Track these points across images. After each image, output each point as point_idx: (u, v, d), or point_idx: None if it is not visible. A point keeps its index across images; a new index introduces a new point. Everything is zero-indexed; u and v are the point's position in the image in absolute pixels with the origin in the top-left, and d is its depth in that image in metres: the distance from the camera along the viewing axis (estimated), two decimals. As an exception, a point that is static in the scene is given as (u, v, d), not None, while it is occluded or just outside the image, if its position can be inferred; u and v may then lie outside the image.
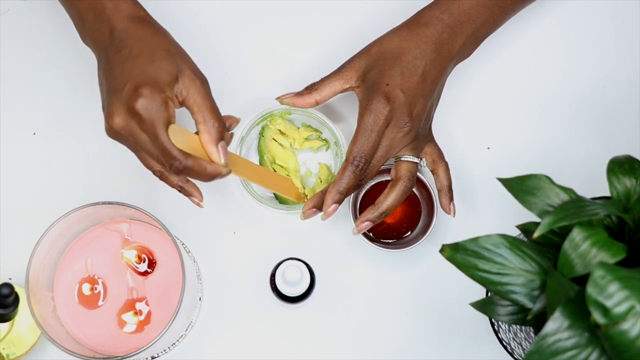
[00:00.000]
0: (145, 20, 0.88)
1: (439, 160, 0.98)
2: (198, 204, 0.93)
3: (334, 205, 0.92)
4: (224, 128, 0.85)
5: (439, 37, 0.94)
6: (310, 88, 0.97)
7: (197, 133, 0.85)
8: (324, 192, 0.93)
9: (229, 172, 0.86)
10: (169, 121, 0.83)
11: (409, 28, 0.95)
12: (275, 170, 1.02)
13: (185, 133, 0.84)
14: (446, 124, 1.04)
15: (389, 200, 0.93)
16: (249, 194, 1.00)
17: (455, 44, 0.95)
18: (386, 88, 0.92)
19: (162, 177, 0.90)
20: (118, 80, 0.83)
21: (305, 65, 1.06)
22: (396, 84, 0.92)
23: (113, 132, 0.85)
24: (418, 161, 0.95)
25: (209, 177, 0.85)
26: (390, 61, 0.93)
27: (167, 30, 0.90)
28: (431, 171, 0.98)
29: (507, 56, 1.06)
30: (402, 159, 0.94)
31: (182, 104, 0.85)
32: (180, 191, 0.92)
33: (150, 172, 0.90)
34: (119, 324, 0.97)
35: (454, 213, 0.98)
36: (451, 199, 0.98)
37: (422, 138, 0.95)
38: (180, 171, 0.83)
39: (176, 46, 0.88)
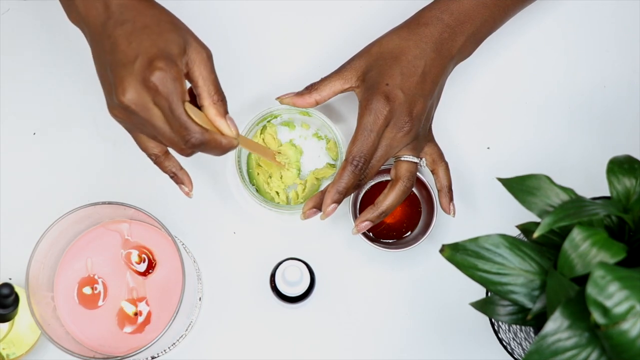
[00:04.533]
0: None
1: (439, 160, 0.98)
2: (187, 194, 0.92)
3: (333, 205, 0.92)
4: (226, 102, 0.85)
5: (439, 37, 0.94)
6: (310, 88, 0.97)
7: (201, 108, 0.84)
8: (323, 192, 0.93)
9: (238, 143, 0.86)
10: (184, 96, 0.81)
11: (409, 28, 0.95)
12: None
13: (198, 111, 0.83)
14: (446, 124, 1.04)
15: (388, 200, 0.93)
16: (249, 194, 1.00)
17: (455, 43, 0.95)
18: (386, 88, 0.92)
19: (156, 161, 0.89)
20: (126, 54, 0.81)
21: (305, 65, 1.06)
22: (396, 83, 0.92)
23: (121, 108, 0.82)
24: (418, 161, 0.95)
25: (224, 150, 0.84)
26: (390, 61, 0.93)
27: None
28: (431, 171, 0.98)
29: (507, 56, 1.06)
30: (402, 159, 0.94)
31: (186, 76, 0.83)
32: (172, 178, 0.91)
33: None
34: (119, 324, 0.97)
35: (454, 213, 0.98)
36: (451, 199, 0.98)
37: (422, 138, 0.95)
38: (195, 146, 0.82)
39: (178, 19, 0.86)
